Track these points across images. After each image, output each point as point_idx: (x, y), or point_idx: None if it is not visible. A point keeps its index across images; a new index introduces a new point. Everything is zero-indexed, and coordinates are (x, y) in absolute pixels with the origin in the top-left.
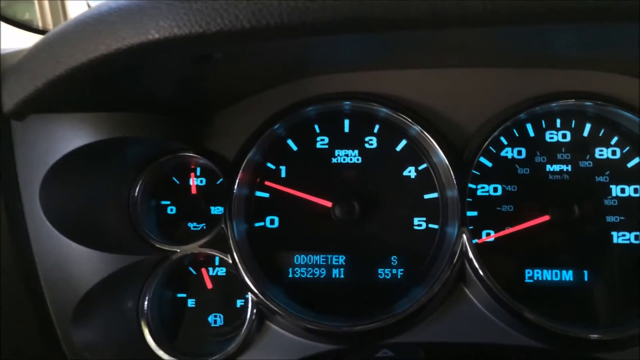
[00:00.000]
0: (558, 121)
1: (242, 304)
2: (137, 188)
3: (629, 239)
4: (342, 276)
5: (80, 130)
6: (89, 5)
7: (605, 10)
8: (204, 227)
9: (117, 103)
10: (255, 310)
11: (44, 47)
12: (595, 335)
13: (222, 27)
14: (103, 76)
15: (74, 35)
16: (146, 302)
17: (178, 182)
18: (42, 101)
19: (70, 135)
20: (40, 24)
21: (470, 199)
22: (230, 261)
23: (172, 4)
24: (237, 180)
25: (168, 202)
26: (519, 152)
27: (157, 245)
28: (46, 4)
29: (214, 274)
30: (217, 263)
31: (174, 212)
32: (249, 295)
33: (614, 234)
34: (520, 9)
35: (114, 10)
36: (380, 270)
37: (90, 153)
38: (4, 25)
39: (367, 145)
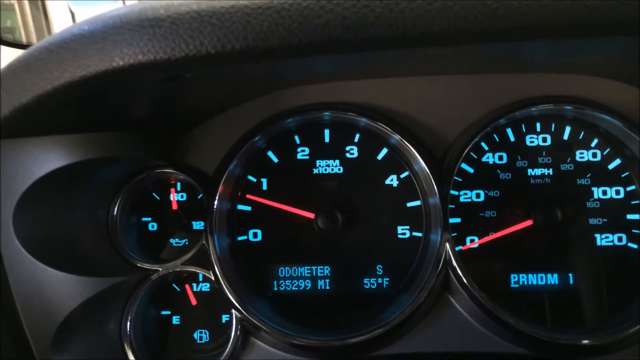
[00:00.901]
0: (538, 125)
1: (228, 319)
2: (116, 207)
3: (612, 241)
4: (327, 287)
5: (52, 153)
6: (71, 12)
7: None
8: (187, 243)
9: (90, 124)
10: (239, 327)
11: (8, 74)
12: (585, 341)
13: (186, 53)
14: (72, 101)
15: (37, 63)
16: (129, 323)
17: (158, 198)
18: (9, 128)
19: (42, 159)
20: (22, 32)
21: (453, 206)
22: (213, 277)
23: (135, 31)
24: (218, 195)
25: (149, 219)
26: (500, 157)
27: (139, 265)
28: (28, 11)
29: (198, 289)
30: (200, 279)
31: (155, 228)
32: (233, 312)
33: (597, 236)
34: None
35: (77, 37)
36: (365, 280)
37: (65, 175)
38: None
39: (348, 155)
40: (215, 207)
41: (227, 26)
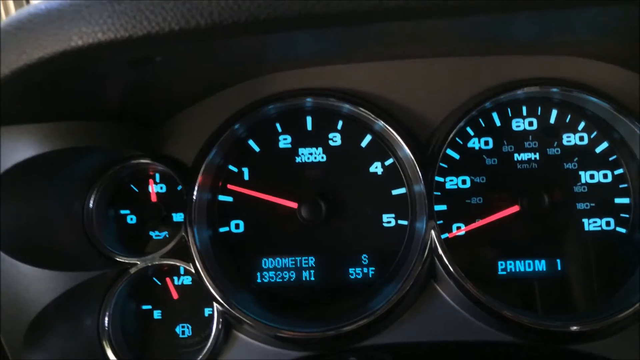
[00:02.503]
0: (524, 109)
1: (211, 312)
2: (92, 199)
3: (600, 226)
4: (312, 278)
5: (19, 144)
6: None
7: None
8: (167, 235)
9: (60, 113)
10: (221, 320)
11: None
12: (573, 328)
13: (149, 30)
14: (33, 86)
15: None
16: (106, 319)
17: (137, 190)
18: None
19: (9, 150)
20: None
21: (439, 193)
22: (193, 270)
23: (93, 8)
24: (197, 185)
25: (128, 211)
26: (486, 142)
27: (117, 259)
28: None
29: (180, 283)
30: (182, 272)
31: (134, 221)
32: (215, 305)
33: (585, 221)
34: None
35: (34, 17)
36: (351, 270)
37: (35, 167)
38: None
39: (331, 143)
40: (194, 197)
41: (191, 1)
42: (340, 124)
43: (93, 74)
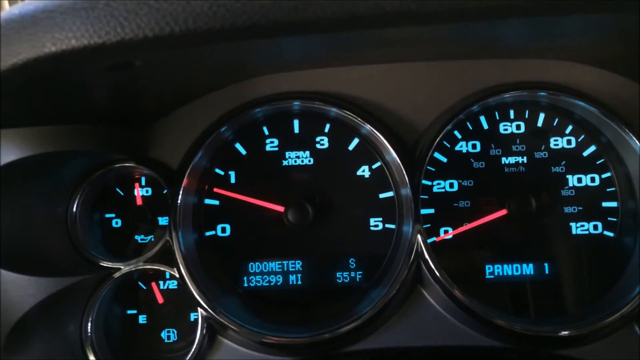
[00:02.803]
0: (511, 112)
1: (197, 317)
2: (76, 203)
3: (587, 229)
4: (299, 282)
5: (4, 147)
6: None
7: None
8: (152, 239)
9: (42, 117)
10: (206, 325)
11: None
12: (561, 333)
13: (122, 37)
14: (16, 90)
15: None
16: (89, 324)
17: (122, 194)
18: None
19: None
20: None
21: (427, 196)
22: (177, 275)
23: (67, 14)
24: (182, 188)
25: (113, 215)
26: (474, 146)
27: (100, 263)
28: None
29: (165, 287)
30: (167, 276)
31: (119, 225)
32: (199, 310)
33: (573, 224)
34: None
35: (7, 22)
36: (338, 274)
37: (16, 171)
38: None
39: (318, 146)
40: (179, 201)
41: (165, 7)
42: (327, 127)
43: (75, 78)
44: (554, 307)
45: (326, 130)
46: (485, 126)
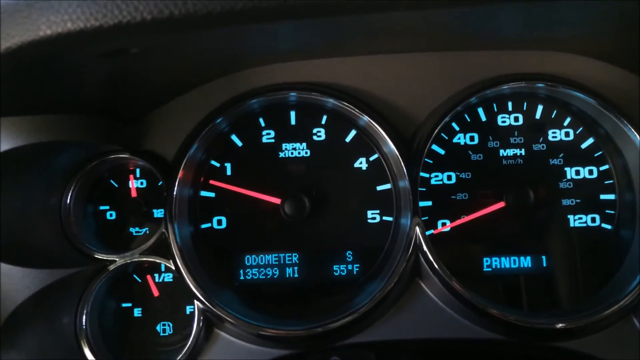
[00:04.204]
0: (509, 104)
1: (192, 310)
2: (70, 194)
3: (585, 222)
4: (296, 275)
5: None
6: None
7: None
8: (147, 232)
9: (39, 105)
10: (202, 318)
11: None
12: (558, 325)
13: (120, 20)
14: (10, 76)
15: None
16: (84, 317)
17: (117, 185)
18: None
19: None
20: None
21: (424, 189)
22: (174, 267)
23: None
24: (178, 180)
25: (107, 207)
26: (472, 138)
27: (95, 255)
28: None
29: (160, 280)
30: (162, 269)
31: (113, 217)
32: (196, 303)
33: (570, 217)
34: None
35: (0, 5)
36: (335, 267)
37: (12, 160)
38: None
39: (315, 138)
40: (174, 193)
41: None
42: (324, 118)
43: (69, 64)
44: (552, 300)
45: (323, 121)
46: (483, 118)
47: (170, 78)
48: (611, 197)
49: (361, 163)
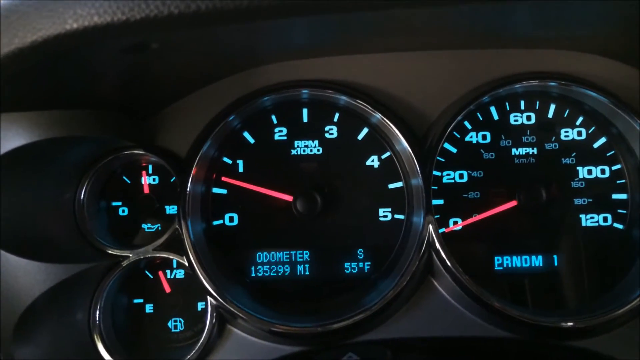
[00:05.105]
0: (522, 103)
1: (204, 306)
2: (83, 190)
3: (597, 222)
4: (307, 273)
5: (9, 132)
6: None
7: None
8: (159, 228)
9: (54, 100)
10: (215, 314)
11: None
12: (568, 324)
13: (147, 14)
14: (30, 70)
15: None
16: (98, 312)
17: (129, 182)
18: None
19: (1, 137)
20: None
21: (436, 187)
22: (187, 263)
23: None
24: (191, 177)
25: (119, 203)
26: (484, 137)
27: (108, 251)
28: None
29: (172, 276)
30: (174, 265)
31: (126, 213)
32: (209, 299)
33: (582, 216)
34: None
35: None
36: (346, 265)
37: (25, 156)
38: None
39: (327, 135)
40: (188, 190)
41: None
42: (336, 116)
43: (88, 60)
44: (563, 299)
45: (335, 119)
46: (496, 117)
47: (184, 74)
48: (623, 196)
49: (373, 161)
